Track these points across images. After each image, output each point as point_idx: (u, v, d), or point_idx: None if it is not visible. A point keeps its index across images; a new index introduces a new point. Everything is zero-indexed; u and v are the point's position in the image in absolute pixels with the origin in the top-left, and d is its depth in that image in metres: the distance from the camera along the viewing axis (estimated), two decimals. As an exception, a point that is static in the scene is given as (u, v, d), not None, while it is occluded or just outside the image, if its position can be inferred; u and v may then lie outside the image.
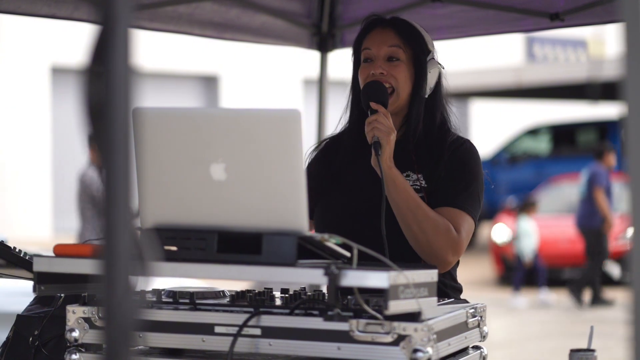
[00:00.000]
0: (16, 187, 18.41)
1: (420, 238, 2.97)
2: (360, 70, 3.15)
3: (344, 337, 2.42)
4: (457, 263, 3.20)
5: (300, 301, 2.55)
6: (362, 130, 3.09)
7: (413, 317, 2.39)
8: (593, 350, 3.01)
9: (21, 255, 3.33)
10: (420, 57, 3.13)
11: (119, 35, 1.47)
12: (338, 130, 3.31)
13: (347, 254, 2.43)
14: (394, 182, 2.97)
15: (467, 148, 3.15)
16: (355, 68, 3.21)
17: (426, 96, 3.14)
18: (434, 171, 3.09)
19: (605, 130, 18.20)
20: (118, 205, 1.48)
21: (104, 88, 1.47)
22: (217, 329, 2.53)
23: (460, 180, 3.09)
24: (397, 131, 3.10)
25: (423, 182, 3.08)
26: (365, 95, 3.07)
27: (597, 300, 12.27)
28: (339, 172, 3.18)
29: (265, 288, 2.68)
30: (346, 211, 3.12)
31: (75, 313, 2.67)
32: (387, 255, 2.72)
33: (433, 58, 3.16)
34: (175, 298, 2.64)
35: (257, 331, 2.49)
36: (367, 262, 2.43)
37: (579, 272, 12.63)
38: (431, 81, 3.15)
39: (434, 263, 2.95)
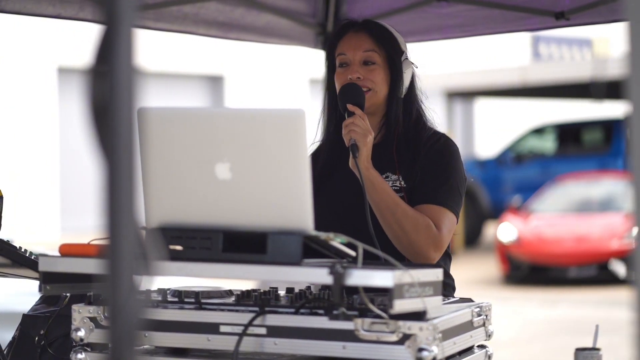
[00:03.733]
0: (23, 187, 18.42)
1: (401, 236, 3.02)
2: (337, 75, 3.20)
3: (349, 336, 2.42)
4: (450, 260, 3.22)
5: (305, 300, 2.55)
6: (341, 134, 3.11)
7: (418, 316, 2.39)
8: (598, 349, 3.01)
9: (27, 255, 3.33)
10: (394, 58, 3.19)
11: (122, 35, 1.47)
12: (318, 132, 3.33)
13: (352, 253, 2.43)
14: (372, 182, 3.01)
15: (443, 142, 3.19)
16: (329, 72, 3.26)
17: (402, 96, 3.19)
18: (411, 169, 3.13)
19: (611, 129, 18.17)
20: (123, 205, 1.48)
21: (108, 88, 1.47)
22: (223, 329, 2.53)
23: (439, 176, 3.12)
24: (377, 133, 3.16)
25: (402, 182, 3.12)
26: (341, 98, 3.11)
27: None
28: (321, 177, 3.19)
29: (270, 287, 2.68)
30: (332, 215, 3.12)
31: (81, 312, 2.67)
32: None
33: (407, 58, 3.21)
34: (181, 297, 2.65)
35: (263, 330, 2.49)
36: (372, 261, 2.43)
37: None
38: (406, 81, 3.21)
39: (416, 261, 3.01)
